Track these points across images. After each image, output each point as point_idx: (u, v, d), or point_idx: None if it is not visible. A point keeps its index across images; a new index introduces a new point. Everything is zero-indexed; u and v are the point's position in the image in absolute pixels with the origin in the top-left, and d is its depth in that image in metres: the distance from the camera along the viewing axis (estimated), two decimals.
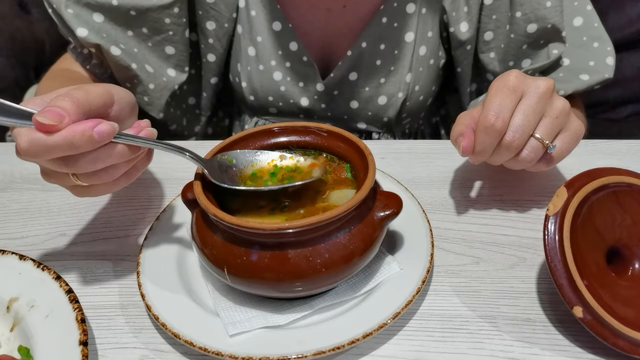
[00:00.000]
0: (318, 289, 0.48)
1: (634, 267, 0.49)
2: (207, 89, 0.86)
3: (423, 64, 0.82)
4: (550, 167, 0.57)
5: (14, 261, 0.52)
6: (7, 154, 0.74)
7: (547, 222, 0.48)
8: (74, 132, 0.41)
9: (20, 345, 0.47)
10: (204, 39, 0.81)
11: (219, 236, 0.47)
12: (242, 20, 0.79)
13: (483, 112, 0.53)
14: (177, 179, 0.68)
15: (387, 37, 0.79)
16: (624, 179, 0.50)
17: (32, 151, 0.41)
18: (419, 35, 0.79)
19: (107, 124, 0.43)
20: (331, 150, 0.55)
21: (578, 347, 0.47)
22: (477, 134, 0.54)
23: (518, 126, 0.52)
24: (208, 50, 0.81)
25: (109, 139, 0.43)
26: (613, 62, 0.76)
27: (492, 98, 0.53)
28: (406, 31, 0.79)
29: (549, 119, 0.53)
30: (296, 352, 0.45)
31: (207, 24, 0.79)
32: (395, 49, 0.80)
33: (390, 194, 0.50)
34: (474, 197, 0.64)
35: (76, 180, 0.46)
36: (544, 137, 0.53)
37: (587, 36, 0.77)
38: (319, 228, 0.45)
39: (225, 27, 0.79)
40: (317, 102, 0.84)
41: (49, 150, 0.41)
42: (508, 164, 0.57)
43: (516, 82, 0.53)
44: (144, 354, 0.48)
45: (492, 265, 0.55)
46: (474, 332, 0.49)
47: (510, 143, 0.53)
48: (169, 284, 0.52)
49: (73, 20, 0.70)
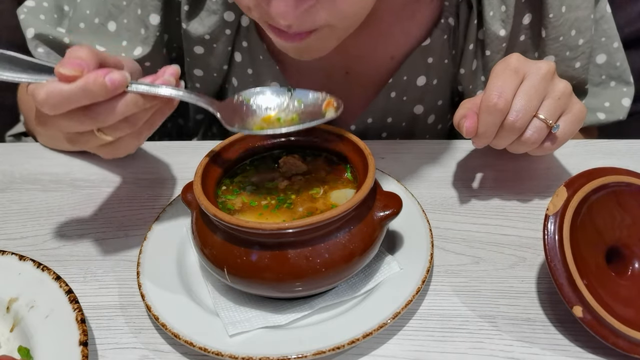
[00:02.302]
0: (318, 289, 0.48)
1: (633, 266, 0.49)
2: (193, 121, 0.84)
3: (430, 132, 0.79)
4: (555, 148, 0.56)
5: (13, 261, 0.52)
6: (7, 154, 0.74)
7: (547, 222, 0.48)
8: (87, 79, 0.42)
9: (20, 345, 0.47)
10: (191, 83, 0.77)
11: (219, 236, 0.47)
12: (237, 74, 0.75)
13: (485, 93, 0.53)
14: (177, 179, 0.68)
15: (395, 111, 0.75)
16: (624, 178, 0.50)
17: (51, 101, 0.42)
18: (429, 106, 0.76)
19: (119, 73, 0.44)
20: (331, 150, 0.55)
21: (578, 347, 0.47)
22: (480, 114, 0.53)
23: (521, 106, 0.52)
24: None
25: (122, 88, 0.44)
26: (629, 103, 0.74)
27: (494, 79, 0.53)
28: (416, 104, 0.75)
29: (552, 100, 0.53)
30: (296, 352, 0.45)
31: (194, 71, 0.75)
32: (403, 122, 0.77)
33: (390, 194, 0.50)
34: (474, 197, 0.64)
35: (101, 135, 0.46)
36: (547, 118, 0.53)
37: (606, 74, 0.75)
38: (319, 228, 0.45)
39: (214, 77, 0.75)
40: None
41: (67, 98, 0.42)
42: (512, 147, 0.56)
43: (518, 64, 0.53)
44: (144, 354, 0.48)
45: (492, 265, 0.55)
46: (474, 332, 0.49)
47: (513, 123, 0.52)
48: (169, 284, 0.52)
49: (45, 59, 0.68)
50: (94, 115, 0.44)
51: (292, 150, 0.56)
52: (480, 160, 0.69)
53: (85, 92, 0.42)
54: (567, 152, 0.69)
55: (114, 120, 0.45)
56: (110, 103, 0.44)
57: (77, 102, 0.43)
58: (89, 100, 0.43)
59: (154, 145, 0.73)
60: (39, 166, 0.70)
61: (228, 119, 0.49)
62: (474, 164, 0.69)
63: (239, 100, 0.51)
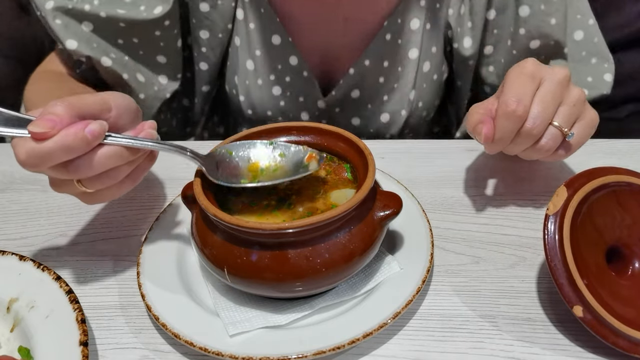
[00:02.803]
0: (318, 289, 0.48)
1: (633, 266, 0.49)
2: (199, 96, 0.85)
3: (427, 80, 0.81)
4: (568, 155, 0.56)
5: (13, 262, 0.52)
6: (7, 154, 0.74)
7: (547, 222, 0.48)
8: (66, 135, 0.42)
9: (20, 345, 0.47)
10: (197, 48, 0.80)
11: (219, 236, 0.47)
12: (239, 32, 0.78)
13: (503, 98, 0.52)
14: (177, 179, 0.68)
15: (391, 54, 0.77)
16: (624, 178, 0.50)
17: (31, 161, 0.42)
18: (423, 51, 0.78)
19: (96, 123, 0.43)
20: (331, 150, 0.55)
21: (578, 347, 0.47)
22: (497, 120, 0.53)
23: (538, 113, 0.51)
24: (200, 59, 0.81)
25: (101, 138, 0.43)
26: (611, 78, 0.75)
27: (512, 84, 0.52)
28: (410, 48, 0.77)
29: (567, 107, 0.53)
30: (296, 352, 0.45)
31: (200, 33, 0.78)
32: (399, 66, 0.78)
33: (390, 194, 0.50)
34: (474, 196, 0.64)
35: (81, 187, 0.46)
36: (563, 125, 0.53)
37: (586, 51, 0.76)
38: (319, 228, 0.45)
39: (220, 37, 0.78)
40: (318, 118, 0.83)
41: (46, 157, 0.42)
42: (525, 153, 0.56)
43: (534, 69, 0.53)
44: (144, 354, 0.48)
45: (492, 265, 0.55)
46: (474, 332, 0.49)
47: (531, 130, 0.52)
48: (169, 284, 0.52)
49: (62, 31, 0.70)
50: (73, 169, 0.44)
51: None
52: (480, 161, 0.69)
53: (64, 148, 0.42)
54: None
55: (93, 172, 0.44)
56: (89, 156, 0.43)
57: (57, 159, 0.42)
58: (69, 156, 0.43)
59: None
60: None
61: (212, 172, 0.49)
62: (475, 164, 0.69)
63: (221, 153, 0.52)
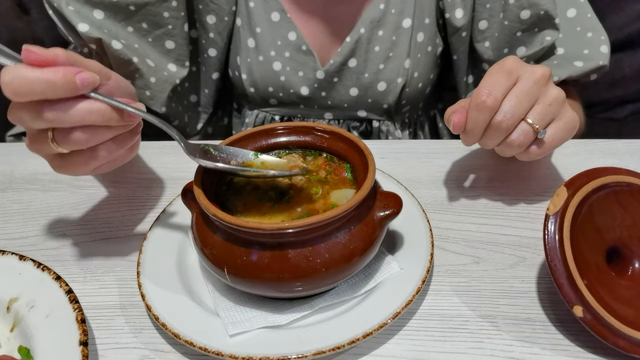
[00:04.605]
0: (318, 288, 0.48)
1: (634, 266, 0.49)
2: (209, 85, 0.87)
3: (421, 50, 0.83)
4: (541, 155, 0.56)
5: (14, 261, 0.52)
6: (7, 154, 0.74)
7: (547, 222, 0.48)
8: (56, 71, 0.42)
9: (20, 345, 0.47)
10: (205, 34, 0.82)
11: (219, 236, 0.47)
12: (241, 12, 0.81)
13: (476, 91, 0.54)
14: (177, 179, 0.68)
15: (385, 23, 0.80)
16: (624, 178, 0.50)
17: (14, 84, 0.41)
18: (417, 21, 0.80)
19: (90, 73, 0.43)
20: (331, 150, 0.55)
21: (578, 347, 0.47)
22: (469, 111, 0.54)
23: (509, 107, 0.53)
24: (209, 45, 0.83)
25: (89, 88, 0.43)
26: (607, 50, 0.76)
27: (487, 78, 0.54)
28: (404, 17, 0.80)
29: (542, 105, 0.54)
30: (296, 352, 0.45)
31: (207, 18, 0.80)
32: (393, 35, 0.81)
33: (390, 194, 0.50)
34: (474, 197, 0.64)
35: (56, 147, 0.46)
36: (535, 122, 0.53)
37: (580, 27, 0.78)
38: (319, 228, 0.45)
39: (226, 21, 0.80)
40: (317, 90, 0.84)
41: (29, 86, 0.41)
42: (499, 149, 0.57)
43: (512, 65, 0.54)
44: (144, 354, 0.48)
45: (492, 265, 0.55)
46: (474, 332, 0.49)
47: (500, 123, 0.53)
48: (169, 284, 0.52)
49: (74, 16, 0.71)
50: (50, 112, 0.43)
51: (293, 149, 0.56)
52: (480, 161, 0.69)
53: (49, 82, 0.41)
54: (567, 152, 0.69)
55: (70, 122, 0.44)
56: (70, 104, 0.43)
57: (39, 92, 0.42)
58: (51, 95, 0.42)
59: (153, 145, 0.73)
60: (39, 166, 0.70)
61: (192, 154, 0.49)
62: (474, 164, 0.69)
63: (205, 147, 0.52)
